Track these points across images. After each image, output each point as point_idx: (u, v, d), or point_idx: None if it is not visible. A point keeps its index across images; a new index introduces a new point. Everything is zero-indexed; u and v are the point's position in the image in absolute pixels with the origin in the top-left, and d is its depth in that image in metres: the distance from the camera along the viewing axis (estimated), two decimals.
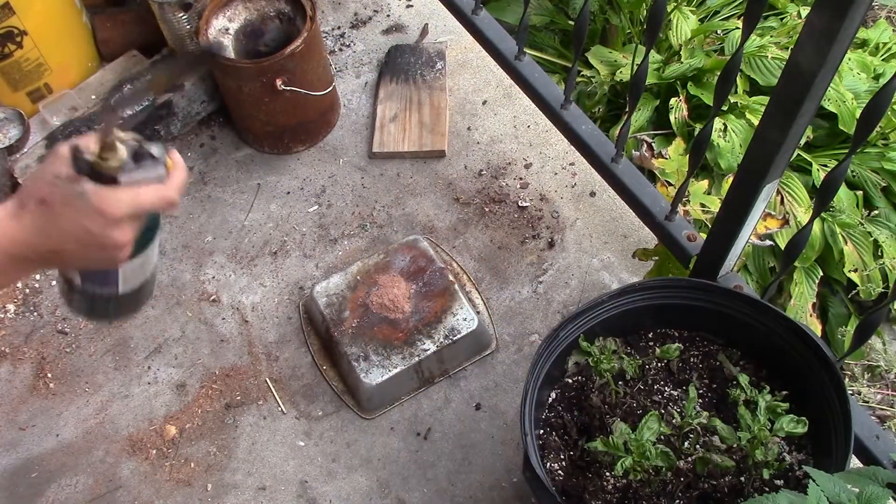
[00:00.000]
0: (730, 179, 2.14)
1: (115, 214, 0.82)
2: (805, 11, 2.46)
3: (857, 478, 0.95)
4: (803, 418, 1.15)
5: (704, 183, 1.93)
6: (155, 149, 0.88)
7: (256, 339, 1.71)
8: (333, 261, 1.81)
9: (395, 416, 1.61)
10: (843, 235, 2.12)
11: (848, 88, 2.26)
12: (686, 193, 1.61)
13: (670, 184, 1.94)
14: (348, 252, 1.82)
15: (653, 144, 2.14)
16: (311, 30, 1.79)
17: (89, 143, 0.83)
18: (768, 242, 1.96)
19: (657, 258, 1.69)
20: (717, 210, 1.83)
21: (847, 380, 2.15)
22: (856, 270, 2.11)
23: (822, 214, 2.00)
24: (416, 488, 1.53)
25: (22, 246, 0.81)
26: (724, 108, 2.26)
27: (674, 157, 1.98)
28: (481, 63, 2.09)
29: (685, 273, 1.56)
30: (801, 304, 2.08)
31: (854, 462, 1.33)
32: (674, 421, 1.22)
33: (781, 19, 2.52)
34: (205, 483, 1.55)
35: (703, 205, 1.83)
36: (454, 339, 1.59)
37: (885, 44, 2.51)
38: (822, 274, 2.13)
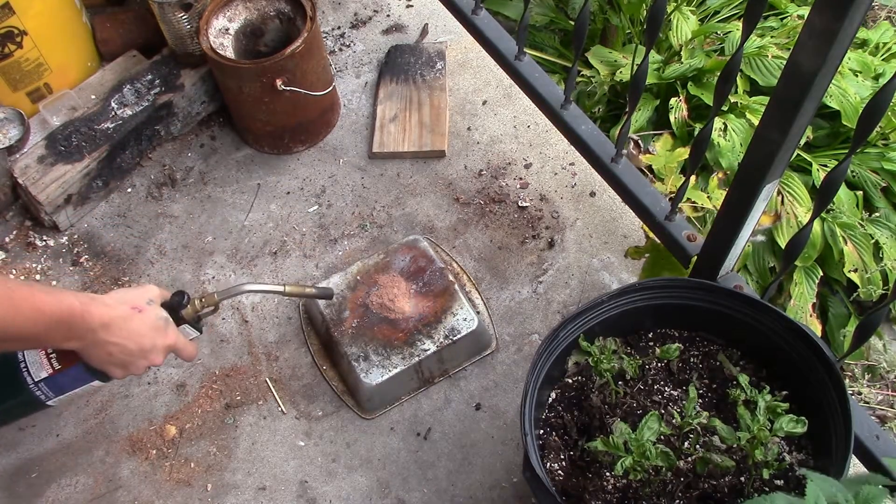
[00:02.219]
0: (720, 175, 2.15)
1: (173, 345, 1.21)
2: (805, 12, 2.46)
3: (852, 485, 0.94)
4: (803, 418, 1.15)
5: (692, 178, 1.94)
6: (202, 320, 1.32)
7: (256, 339, 1.71)
8: (333, 261, 1.81)
9: (395, 416, 1.61)
10: (843, 236, 2.12)
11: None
12: (674, 190, 1.62)
13: (660, 179, 1.94)
14: (348, 252, 1.82)
15: (640, 142, 2.14)
16: (311, 30, 1.79)
17: (191, 294, 1.26)
18: (760, 238, 1.97)
19: (648, 255, 1.69)
20: (705, 205, 1.84)
21: (847, 380, 2.15)
22: (856, 270, 2.11)
23: (823, 215, 2.00)
24: (416, 488, 1.53)
25: (101, 326, 1.11)
26: (724, 108, 2.26)
27: (662, 152, 1.98)
28: (481, 63, 2.09)
29: (681, 271, 1.56)
30: (801, 305, 2.08)
31: (854, 462, 1.33)
32: (674, 421, 1.22)
33: (781, 19, 2.52)
34: (205, 483, 1.55)
35: (689, 199, 1.82)
36: (454, 339, 1.59)
37: (885, 44, 2.51)
38: (822, 274, 2.13)
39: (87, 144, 1.84)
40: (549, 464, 1.25)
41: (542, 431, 1.30)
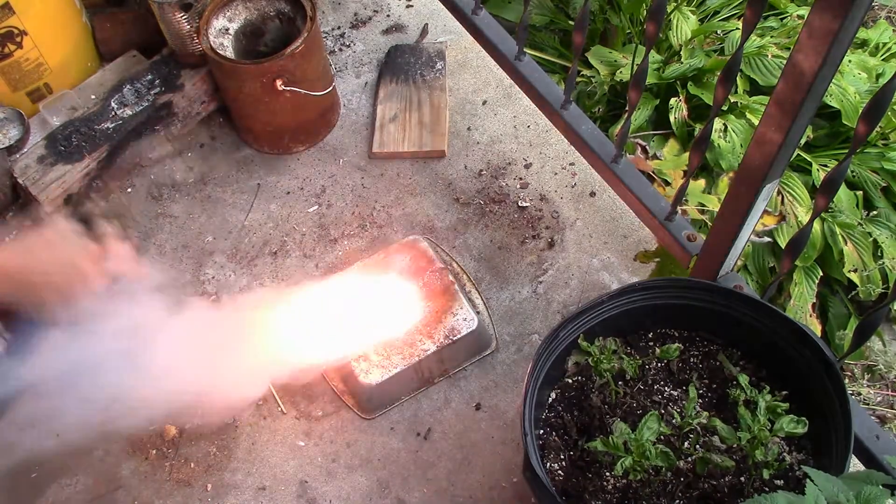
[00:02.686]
0: (726, 179, 2.14)
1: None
2: (805, 12, 2.46)
3: (852, 481, 0.95)
4: (803, 418, 1.15)
5: (701, 182, 1.93)
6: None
7: None
8: (333, 261, 1.81)
9: (395, 416, 1.61)
10: (843, 235, 2.12)
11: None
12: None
13: (667, 183, 1.94)
14: (348, 252, 1.82)
15: (647, 147, 2.14)
16: (311, 30, 1.79)
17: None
18: (766, 239, 1.97)
19: (658, 260, 1.69)
20: (715, 208, 1.84)
21: (847, 380, 2.15)
22: (855, 270, 2.10)
23: (822, 214, 2.00)
24: (416, 488, 1.53)
25: (15, 271, 1.13)
26: (724, 108, 2.26)
27: (669, 157, 1.98)
28: (481, 63, 2.09)
29: (686, 273, 1.56)
30: (801, 304, 2.08)
31: (854, 462, 1.33)
32: (674, 421, 1.23)
33: (781, 19, 2.52)
34: (205, 483, 1.55)
35: (701, 203, 1.83)
36: (454, 339, 1.59)
37: (884, 44, 2.51)
38: (821, 274, 2.13)
39: (87, 144, 1.84)
40: (549, 464, 1.25)
41: (542, 431, 1.30)
